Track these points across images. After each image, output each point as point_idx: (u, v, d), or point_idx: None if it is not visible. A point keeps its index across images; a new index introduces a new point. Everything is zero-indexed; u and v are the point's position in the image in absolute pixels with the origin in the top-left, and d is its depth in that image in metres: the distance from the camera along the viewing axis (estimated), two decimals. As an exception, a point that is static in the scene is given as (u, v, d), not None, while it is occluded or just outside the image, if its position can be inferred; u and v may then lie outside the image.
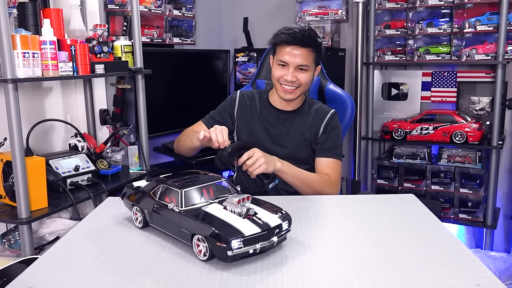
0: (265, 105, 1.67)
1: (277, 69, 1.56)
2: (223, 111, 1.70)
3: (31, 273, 0.90)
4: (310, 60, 1.54)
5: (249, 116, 1.66)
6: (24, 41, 1.48)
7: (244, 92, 1.71)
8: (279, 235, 0.93)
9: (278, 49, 1.55)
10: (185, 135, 1.67)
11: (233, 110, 1.68)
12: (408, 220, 1.16)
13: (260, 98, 1.69)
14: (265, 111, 1.67)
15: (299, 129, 1.63)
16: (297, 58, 1.52)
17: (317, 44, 1.55)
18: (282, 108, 1.65)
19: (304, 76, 1.54)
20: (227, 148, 1.34)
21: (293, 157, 1.58)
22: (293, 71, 1.53)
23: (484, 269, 0.88)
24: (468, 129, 2.47)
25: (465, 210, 2.61)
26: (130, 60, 1.96)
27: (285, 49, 1.53)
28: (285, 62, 1.53)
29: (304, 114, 1.65)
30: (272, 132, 1.64)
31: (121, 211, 1.20)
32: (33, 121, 1.72)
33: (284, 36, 1.52)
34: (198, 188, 1.02)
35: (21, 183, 1.48)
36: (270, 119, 1.65)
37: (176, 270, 0.89)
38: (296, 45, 1.51)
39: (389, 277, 0.85)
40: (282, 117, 1.65)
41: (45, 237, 1.80)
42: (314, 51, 1.54)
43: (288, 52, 1.52)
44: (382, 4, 2.70)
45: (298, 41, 1.50)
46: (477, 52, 2.46)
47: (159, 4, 2.48)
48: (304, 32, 1.52)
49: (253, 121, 1.66)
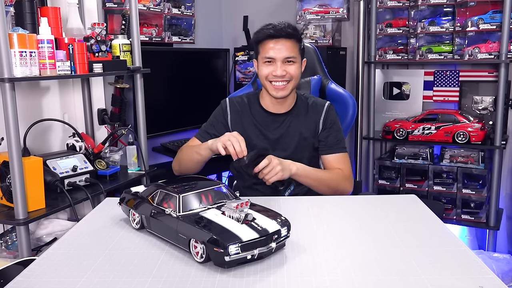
0: (257, 110, 1.63)
1: (264, 67, 1.53)
2: (215, 122, 1.65)
3: (28, 274, 0.90)
4: (295, 51, 1.52)
5: (243, 123, 1.62)
6: (21, 40, 1.47)
7: (233, 99, 1.67)
8: (278, 241, 0.93)
9: (261, 48, 1.53)
10: (187, 151, 1.60)
11: (226, 121, 1.64)
12: (410, 221, 1.15)
13: (250, 102, 1.65)
14: (259, 116, 1.63)
15: (297, 130, 1.61)
16: (283, 51, 1.50)
17: (299, 35, 1.54)
18: (276, 111, 1.62)
19: (293, 68, 1.52)
20: (244, 159, 1.34)
21: (294, 159, 1.55)
22: (281, 65, 1.50)
23: (487, 271, 0.87)
24: (470, 129, 2.45)
25: (468, 211, 2.60)
26: (129, 59, 1.95)
27: (269, 45, 1.51)
28: (271, 58, 1.51)
29: (299, 114, 1.62)
30: (270, 137, 1.61)
31: (119, 212, 1.20)
32: (31, 121, 1.72)
33: (265, 31, 1.51)
34: (196, 193, 1.02)
35: (18, 184, 1.47)
36: (266, 124, 1.62)
37: (175, 272, 0.89)
38: (280, 38, 1.49)
39: (391, 279, 0.85)
40: (278, 120, 1.62)
41: (42, 238, 1.79)
42: (298, 42, 1.53)
43: (272, 47, 1.50)
44: (383, 2, 2.69)
45: (281, 33, 1.49)
46: (480, 51, 2.44)
47: (158, 3, 2.47)
48: (285, 24, 1.51)
49: (249, 128, 1.62)
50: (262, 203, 1.05)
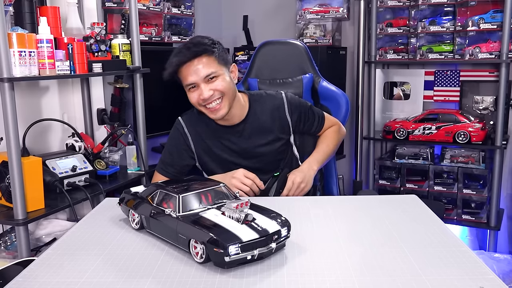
0: (213, 125, 1.55)
1: (191, 94, 1.45)
2: (177, 153, 1.56)
3: (27, 275, 0.89)
4: (213, 65, 1.42)
5: (206, 141, 1.55)
6: (20, 40, 1.46)
7: (186, 118, 1.59)
8: (278, 241, 0.93)
9: (180, 76, 1.46)
10: None
11: (188, 145, 1.56)
12: (410, 221, 1.14)
13: (203, 117, 1.54)
14: (217, 131, 1.55)
15: (262, 133, 1.55)
16: (199, 72, 1.41)
17: (209, 46, 1.43)
18: (231, 124, 1.53)
19: (219, 83, 1.42)
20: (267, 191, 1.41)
21: (271, 159, 1.56)
22: (205, 86, 1.41)
23: (488, 271, 0.87)
24: (471, 129, 2.44)
25: (468, 211, 2.59)
26: (128, 58, 1.95)
27: (183, 72, 1.43)
28: (192, 83, 1.42)
29: (258, 114, 1.55)
30: (238, 150, 1.55)
31: (119, 212, 1.19)
32: (30, 121, 1.71)
33: (174, 60, 1.42)
34: (196, 193, 1.02)
35: (17, 184, 1.46)
36: (228, 137, 1.54)
37: (175, 272, 0.89)
38: (189, 61, 1.41)
39: (391, 279, 0.84)
40: (238, 130, 1.54)
41: (41, 239, 1.78)
42: (211, 54, 1.42)
43: (187, 72, 1.42)
44: (384, 2, 2.68)
45: (188, 57, 1.40)
46: (481, 51, 2.44)
47: (158, 2, 2.46)
48: (190, 44, 1.43)
49: (213, 145, 1.55)
50: (262, 203, 1.05)
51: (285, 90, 1.65)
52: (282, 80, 1.90)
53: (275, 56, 1.92)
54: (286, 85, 1.88)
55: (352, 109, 2.38)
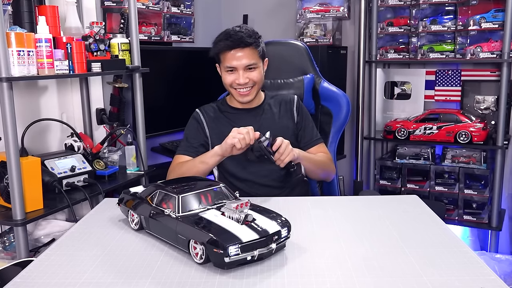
0: (229, 111, 1.68)
1: (227, 75, 1.58)
2: (196, 134, 1.66)
3: (26, 276, 0.90)
4: (255, 57, 1.57)
5: (220, 127, 1.64)
6: (19, 39, 1.45)
7: (203, 109, 1.70)
8: (278, 242, 0.92)
9: (222, 57, 1.58)
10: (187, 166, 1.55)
11: (204, 131, 1.66)
12: (411, 222, 1.14)
13: (220, 107, 1.70)
14: (232, 114, 1.67)
15: (273, 120, 1.65)
16: (243, 60, 1.54)
17: (256, 39, 1.57)
18: (246, 106, 1.66)
19: (255, 74, 1.57)
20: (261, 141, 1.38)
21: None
22: (243, 73, 1.55)
23: (489, 272, 0.87)
24: (472, 129, 2.44)
25: (470, 211, 2.59)
26: (128, 58, 1.94)
27: (228, 55, 1.55)
28: (232, 67, 1.56)
29: (271, 107, 1.68)
30: None
31: (118, 212, 1.19)
32: (28, 121, 1.70)
33: (223, 43, 1.55)
34: (195, 194, 1.02)
35: (16, 184, 1.46)
36: (240, 118, 1.63)
37: (174, 273, 0.89)
38: (238, 48, 1.53)
39: (392, 280, 0.84)
40: (251, 113, 1.66)
41: (40, 239, 1.78)
42: (256, 47, 1.57)
43: (232, 56, 1.55)
44: (384, 1, 2.68)
45: (238, 43, 1.53)
46: (482, 50, 2.43)
47: (157, 1, 2.46)
48: (241, 32, 1.54)
49: (226, 129, 1.58)
50: (262, 203, 1.05)
51: (286, 91, 1.70)
52: (283, 81, 1.90)
53: (276, 57, 1.91)
54: (287, 85, 1.88)
55: (352, 109, 2.36)
